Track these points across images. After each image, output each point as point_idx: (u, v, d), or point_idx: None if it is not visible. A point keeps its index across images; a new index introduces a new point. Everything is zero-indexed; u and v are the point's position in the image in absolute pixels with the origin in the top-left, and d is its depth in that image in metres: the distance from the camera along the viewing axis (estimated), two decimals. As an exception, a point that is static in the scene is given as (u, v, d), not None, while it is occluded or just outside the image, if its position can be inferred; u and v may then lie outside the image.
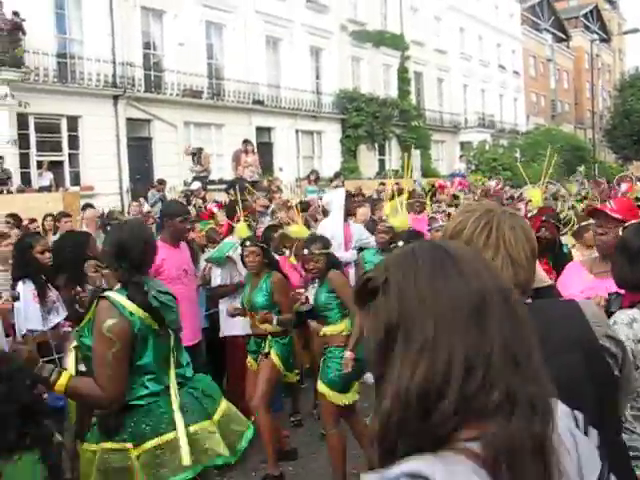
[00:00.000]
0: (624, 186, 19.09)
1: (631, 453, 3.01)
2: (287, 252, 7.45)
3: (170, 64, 24.25)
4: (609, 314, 2.91)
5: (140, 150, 23.05)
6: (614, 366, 1.92)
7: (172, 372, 3.47)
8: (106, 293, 3.36)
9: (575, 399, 1.67)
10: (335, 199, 8.78)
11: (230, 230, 7.67)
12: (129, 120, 22.53)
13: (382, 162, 35.15)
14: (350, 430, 5.65)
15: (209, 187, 19.94)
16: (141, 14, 23.69)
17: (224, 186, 20.17)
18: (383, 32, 35.27)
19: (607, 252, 4.01)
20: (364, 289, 1.27)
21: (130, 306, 3.29)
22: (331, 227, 8.29)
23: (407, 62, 37.28)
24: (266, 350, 5.87)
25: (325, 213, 10.58)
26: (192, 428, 3.38)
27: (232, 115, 26.25)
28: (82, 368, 3.44)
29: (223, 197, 17.76)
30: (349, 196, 8.89)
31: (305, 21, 30.10)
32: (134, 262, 3.43)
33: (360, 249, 8.46)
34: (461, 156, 35.16)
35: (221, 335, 6.85)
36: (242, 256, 6.21)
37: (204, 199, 16.46)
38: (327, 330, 5.59)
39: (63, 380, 3.17)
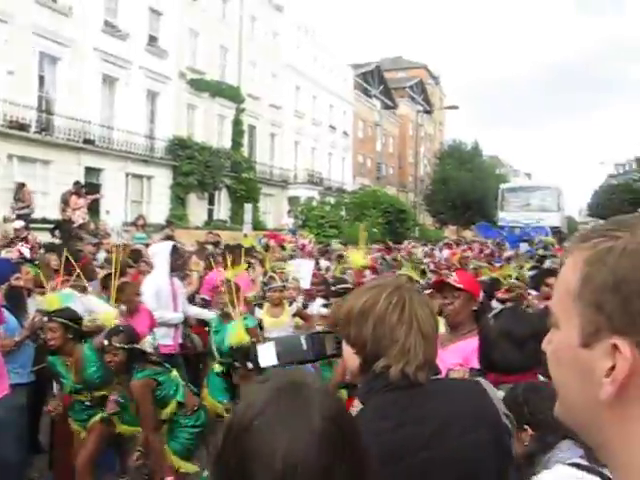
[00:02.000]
0: (445, 252, 20.06)
1: None
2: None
3: (-3, 92, 23.00)
4: None
5: (-43, 182, 21.56)
6: (511, 443, 1.97)
7: None
8: None
9: (482, 475, 1.79)
10: (161, 252, 8.28)
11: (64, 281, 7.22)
12: (-53, 149, 21.06)
13: (211, 212, 35.03)
14: None
15: (32, 225, 18.90)
16: (-32, 37, 22.43)
17: (48, 226, 19.28)
18: (221, 83, 35.52)
19: (454, 322, 4.11)
20: None
21: None
22: (156, 283, 7.76)
23: (242, 115, 37.65)
24: (107, 415, 5.61)
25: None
26: None
27: (61, 152, 25.20)
28: None
29: (47, 238, 16.94)
30: (175, 251, 8.26)
31: (144, 64, 29.71)
32: None
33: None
34: (289, 211, 35.63)
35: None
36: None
37: (26, 239, 15.53)
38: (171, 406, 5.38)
39: None
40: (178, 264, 8.04)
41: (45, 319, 5.55)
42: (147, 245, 14.00)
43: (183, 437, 5.19)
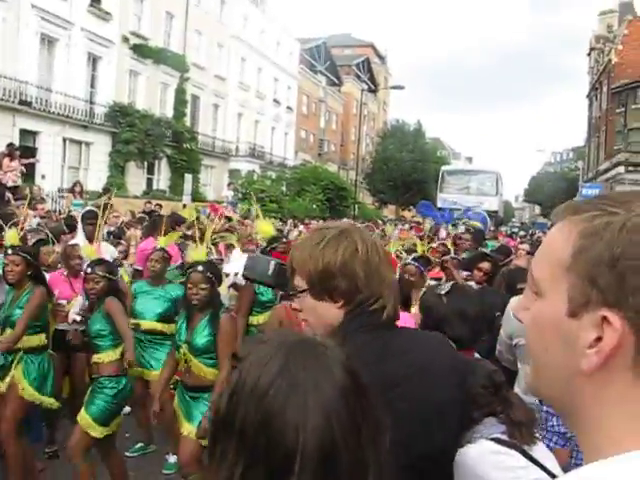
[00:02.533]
0: (396, 231, 20.16)
1: None
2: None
3: None
4: None
5: None
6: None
7: None
8: None
9: (447, 419, 1.89)
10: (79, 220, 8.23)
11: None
12: None
13: (150, 181, 34.59)
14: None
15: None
16: None
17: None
18: (165, 50, 34.93)
19: None
20: None
21: None
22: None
23: (186, 84, 37.16)
24: (12, 370, 5.43)
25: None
26: None
27: (-7, 113, 24.48)
28: None
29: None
30: (86, 217, 8.10)
31: (86, 26, 28.97)
32: None
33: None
34: (230, 184, 35.44)
35: None
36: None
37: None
38: (98, 358, 5.33)
39: None
40: (90, 228, 7.87)
41: (10, 251, 5.54)
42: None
43: (101, 399, 5.16)
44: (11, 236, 5.99)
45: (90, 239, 7.74)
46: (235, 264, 2.22)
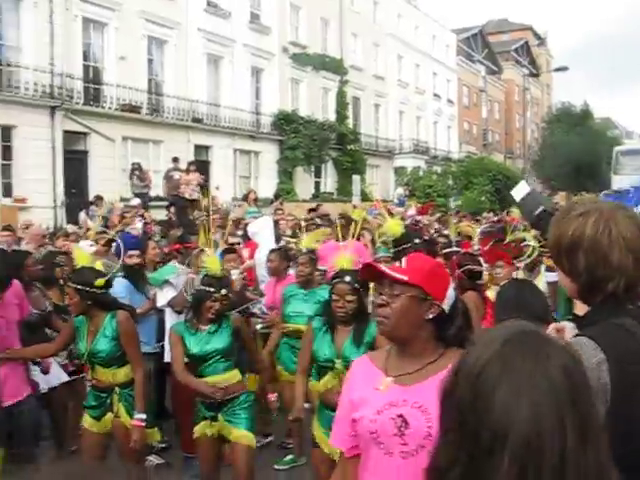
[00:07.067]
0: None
1: None
2: None
3: (110, 77, 23.88)
4: None
5: (76, 164, 22.52)
6: None
7: None
8: None
9: None
10: (263, 228, 8.47)
11: (178, 251, 7.48)
12: (66, 132, 21.95)
13: (318, 184, 35.27)
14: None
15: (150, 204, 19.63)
16: (82, 25, 23.27)
17: (162, 203, 19.94)
18: (323, 56, 35.59)
19: (393, 335, 2.43)
20: None
21: None
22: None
23: (346, 86, 37.61)
24: (115, 408, 4.95)
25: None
26: None
27: (171, 132, 25.98)
28: None
29: (162, 215, 17.57)
30: (275, 223, 8.53)
31: (247, 41, 30.14)
32: None
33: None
34: (406, 183, 35.39)
35: (167, 360, 6.27)
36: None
37: (143, 216, 16.14)
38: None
39: None
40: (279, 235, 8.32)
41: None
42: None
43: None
44: (211, 262, 5.29)
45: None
46: (519, 191, 2.37)
